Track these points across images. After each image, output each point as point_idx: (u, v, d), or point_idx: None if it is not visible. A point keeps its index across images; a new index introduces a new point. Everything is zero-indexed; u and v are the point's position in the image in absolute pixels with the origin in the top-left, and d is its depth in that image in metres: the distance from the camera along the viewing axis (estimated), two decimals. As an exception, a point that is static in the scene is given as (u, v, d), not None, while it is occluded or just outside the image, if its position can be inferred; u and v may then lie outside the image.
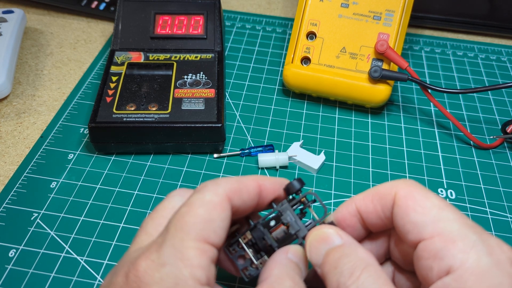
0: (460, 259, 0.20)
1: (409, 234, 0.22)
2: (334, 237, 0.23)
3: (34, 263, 0.31)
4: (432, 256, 0.21)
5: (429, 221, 0.21)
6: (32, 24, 0.53)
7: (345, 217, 0.25)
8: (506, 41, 0.56)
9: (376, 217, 0.24)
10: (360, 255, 0.22)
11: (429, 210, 0.22)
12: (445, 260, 0.20)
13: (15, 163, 0.38)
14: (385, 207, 0.24)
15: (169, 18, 0.46)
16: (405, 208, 0.22)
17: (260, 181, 0.25)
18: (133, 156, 0.39)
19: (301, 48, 0.43)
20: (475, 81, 0.50)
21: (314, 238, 0.24)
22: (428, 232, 0.21)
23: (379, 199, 0.24)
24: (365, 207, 0.25)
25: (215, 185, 0.23)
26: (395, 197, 0.23)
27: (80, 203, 0.35)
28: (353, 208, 0.25)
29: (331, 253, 0.23)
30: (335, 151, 0.41)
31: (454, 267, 0.20)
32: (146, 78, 0.41)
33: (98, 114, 0.37)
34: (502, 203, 0.37)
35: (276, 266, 0.23)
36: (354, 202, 0.25)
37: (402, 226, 0.22)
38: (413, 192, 0.23)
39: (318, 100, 0.45)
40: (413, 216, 0.22)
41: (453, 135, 0.43)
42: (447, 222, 0.21)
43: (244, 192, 0.23)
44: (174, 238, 0.20)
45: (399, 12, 0.42)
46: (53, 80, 0.46)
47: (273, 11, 0.59)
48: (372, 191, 0.25)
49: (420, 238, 0.21)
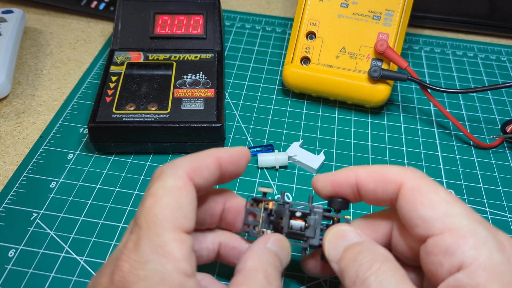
0: (472, 255, 0.20)
1: (417, 228, 0.22)
2: (352, 234, 0.24)
3: (33, 263, 0.31)
4: (443, 252, 0.20)
5: (438, 217, 0.21)
6: (31, 24, 0.53)
7: (341, 184, 0.25)
8: (506, 40, 0.56)
9: (373, 196, 0.24)
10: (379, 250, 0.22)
11: (437, 204, 0.21)
12: (456, 256, 0.20)
13: (14, 163, 0.38)
14: (386, 193, 0.24)
15: (169, 18, 0.46)
16: (412, 202, 0.22)
17: (217, 154, 0.24)
18: (132, 156, 0.39)
19: (301, 48, 0.43)
20: (474, 81, 0.50)
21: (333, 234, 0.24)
22: (438, 227, 0.21)
23: (382, 183, 0.24)
24: (366, 184, 0.24)
25: (173, 168, 0.22)
26: (400, 187, 0.23)
27: (79, 203, 0.35)
28: (352, 180, 0.25)
29: (350, 248, 0.23)
30: (335, 151, 0.41)
31: (466, 263, 0.20)
32: (146, 78, 0.41)
33: (97, 114, 0.37)
34: (502, 203, 0.37)
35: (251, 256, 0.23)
36: (355, 174, 0.25)
37: (409, 219, 0.22)
38: (420, 184, 0.22)
39: (318, 100, 0.45)
40: (421, 210, 0.22)
41: (453, 134, 0.43)
42: (457, 218, 0.21)
43: (204, 169, 0.23)
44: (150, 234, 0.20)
45: (399, 12, 0.42)
46: (52, 80, 0.46)
47: (273, 11, 0.59)
48: (376, 171, 0.24)
49: (429, 234, 0.21)
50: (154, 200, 0.21)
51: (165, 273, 0.19)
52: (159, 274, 0.19)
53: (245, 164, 0.26)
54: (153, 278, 0.19)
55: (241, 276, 0.22)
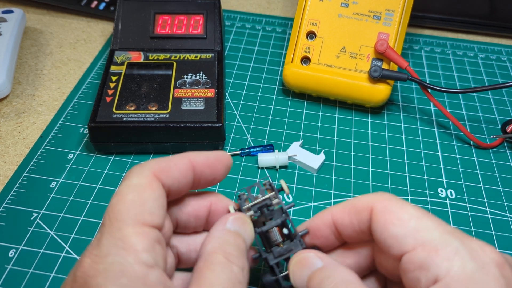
0: (445, 267, 0.20)
1: (391, 249, 0.22)
2: (314, 260, 0.24)
3: (34, 263, 0.31)
4: (418, 268, 0.20)
5: (409, 233, 0.21)
6: (31, 23, 0.53)
7: (319, 227, 0.26)
8: (506, 40, 0.56)
9: (352, 230, 0.24)
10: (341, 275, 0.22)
11: (407, 221, 0.22)
12: (431, 270, 0.20)
13: (14, 163, 0.38)
14: (361, 221, 0.24)
15: (169, 18, 0.46)
16: (383, 223, 0.22)
17: (191, 157, 0.24)
18: (133, 156, 0.39)
19: (301, 48, 0.43)
20: (475, 80, 0.50)
21: (295, 264, 0.24)
22: (410, 243, 0.21)
23: (355, 213, 0.24)
24: (341, 219, 0.25)
25: (140, 168, 0.22)
26: (371, 212, 0.23)
27: (80, 203, 0.35)
28: (328, 219, 0.25)
29: (313, 277, 0.23)
30: (335, 151, 0.41)
31: (441, 275, 0.20)
32: (146, 78, 0.41)
33: (98, 114, 0.37)
34: (502, 202, 0.37)
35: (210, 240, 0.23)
36: (330, 213, 0.25)
37: (383, 241, 0.22)
38: (388, 205, 0.23)
39: (318, 100, 0.45)
40: (392, 229, 0.22)
41: (453, 134, 0.43)
42: (427, 232, 0.21)
43: (174, 170, 0.23)
44: (112, 229, 0.20)
45: (399, 11, 0.42)
46: (53, 80, 0.46)
47: (273, 11, 0.59)
48: (349, 204, 0.25)
49: (403, 251, 0.21)
50: (119, 198, 0.21)
51: (125, 265, 0.19)
52: (118, 266, 0.19)
53: (223, 169, 0.25)
54: (112, 271, 0.19)
55: (201, 260, 0.22)
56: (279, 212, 0.26)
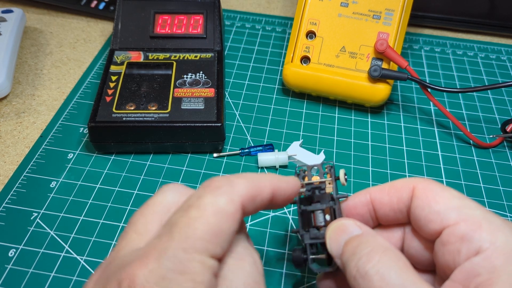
0: (488, 240, 0.20)
1: (431, 223, 0.22)
2: (352, 227, 0.24)
3: (34, 263, 0.31)
4: (459, 240, 0.21)
5: (452, 209, 0.22)
6: (31, 23, 0.53)
7: (357, 205, 0.26)
8: (506, 40, 0.56)
9: (389, 209, 0.25)
10: (378, 241, 0.22)
11: (450, 199, 0.23)
12: (473, 242, 0.21)
13: (14, 163, 0.38)
14: (401, 200, 0.24)
15: (169, 18, 0.46)
16: (425, 199, 0.23)
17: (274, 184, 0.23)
18: (132, 156, 0.39)
19: (301, 47, 0.43)
20: (474, 80, 0.50)
21: (333, 230, 0.24)
22: (453, 218, 0.22)
23: (396, 191, 0.25)
24: (380, 198, 0.25)
25: (230, 188, 0.21)
26: (413, 190, 0.24)
27: (80, 203, 0.35)
28: (366, 198, 0.26)
29: (349, 242, 0.23)
30: (335, 150, 0.41)
31: (483, 247, 0.20)
32: (146, 77, 0.41)
33: (97, 113, 0.37)
34: (502, 202, 0.37)
35: None
36: (368, 192, 0.26)
37: (424, 216, 0.23)
38: (432, 185, 0.24)
39: (318, 100, 0.45)
40: (435, 205, 0.23)
41: (453, 134, 0.43)
42: (470, 209, 0.22)
43: (258, 200, 0.22)
44: (179, 247, 0.19)
45: (399, 11, 0.42)
46: (52, 79, 0.46)
47: (273, 11, 0.59)
48: (388, 185, 0.25)
49: (444, 225, 0.22)
50: (200, 214, 0.19)
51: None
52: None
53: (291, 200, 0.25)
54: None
55: None
56: (329, 197, 0.27)
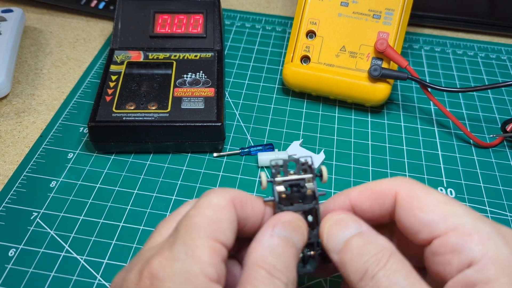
0: (479, 251, 0.20)
1: (419, 234, 0.22)
2: (354, 223, 0.23)
3: (34, 263, 0.31)
4: (450, 251, 0.21)
5: (439, 218, 0.21)
6: (31, 23, 0.53)
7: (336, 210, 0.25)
8: (506, 39, 0.56)
9: (371, 215, 0.24)
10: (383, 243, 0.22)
11: (435, 207, 0.22)
12: (464, 253, 0.20)
13: (14, 163, 0.38)
14: (383, 207, 0.23)
15: (169, 17, 0.46)
16: (410, 209, 0.22)
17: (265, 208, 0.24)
18: (132, 155, 0.39)
19: (301, 47, 0.43)
20: (475, 79, 0.49)
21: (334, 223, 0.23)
22: (441, 228, 0.21)
23: (377, 198, 0.24)
24: (361, 204, 0.24)
25: (221, 191, 0.23)
26: (396, 197, 0.23)
27: (80, 202, 0.35)
28: (346, 204, 0.25)
29: (353, 239, 0.22)
30: (335, 150, 0.40)
31: (476, 259, 0.20)
32: (146, 77, 0.41)
33: (97, 113, 0.37)
34: (502, 201, 0.37)
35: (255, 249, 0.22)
36: (348, 196, 0.25)
37: (410, 226, 0.22)
38: (414, 190, 0.22)
39: (318, 99, 0.45)
40: (421, 215, 0.22)
41: (453, 133, 0.43)
42: (458, 217, 0.21)
43: (249, 206, 0.23)
44: (185, 237, 0.21)
45: (399, 10, 0.42)
46: (52, 79, 0.46)
47: (273, 10, 0.59)
48: (368, 188, 0.24)
49: (433, 236, 0.21)
50: (197, 211, 0.22)
51: (191, 274, 0.20)
52: (185, 273, 0.20)
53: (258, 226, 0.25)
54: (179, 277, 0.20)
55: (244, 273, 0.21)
56: (311, 197, 0.25)
